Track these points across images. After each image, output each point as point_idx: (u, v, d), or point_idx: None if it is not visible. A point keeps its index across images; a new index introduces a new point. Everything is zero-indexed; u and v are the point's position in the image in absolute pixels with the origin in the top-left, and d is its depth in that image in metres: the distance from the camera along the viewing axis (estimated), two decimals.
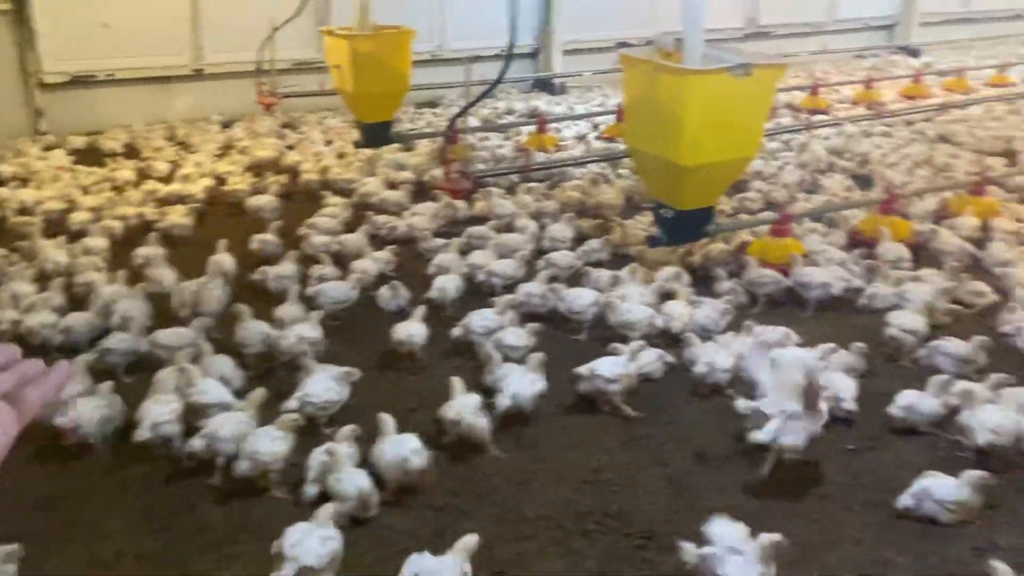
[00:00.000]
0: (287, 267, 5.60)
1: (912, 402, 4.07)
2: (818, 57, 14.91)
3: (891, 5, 16.18)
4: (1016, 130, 9.64)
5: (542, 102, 11.61)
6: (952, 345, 4.58)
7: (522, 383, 4.14)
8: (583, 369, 4.26)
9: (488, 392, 4.20)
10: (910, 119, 10.48)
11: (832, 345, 4.48)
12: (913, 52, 15.64)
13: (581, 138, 9.76)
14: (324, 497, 3.41)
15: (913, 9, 16.13)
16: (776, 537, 2.91)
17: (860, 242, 6.20)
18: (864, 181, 7.89)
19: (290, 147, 9.16)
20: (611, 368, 4.24)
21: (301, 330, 4.64)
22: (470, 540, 2.98)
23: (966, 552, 3.26)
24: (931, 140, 9.42)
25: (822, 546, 3.30)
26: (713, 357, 4.42)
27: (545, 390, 4.19)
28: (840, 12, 15.50)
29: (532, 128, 9.60)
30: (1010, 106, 11.17)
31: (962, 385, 4.07)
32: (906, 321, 4.81)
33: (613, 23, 12.54)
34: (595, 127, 10.18)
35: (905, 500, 3.46)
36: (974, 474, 3.42)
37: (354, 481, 3.42)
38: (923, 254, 6.10)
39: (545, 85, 12.66)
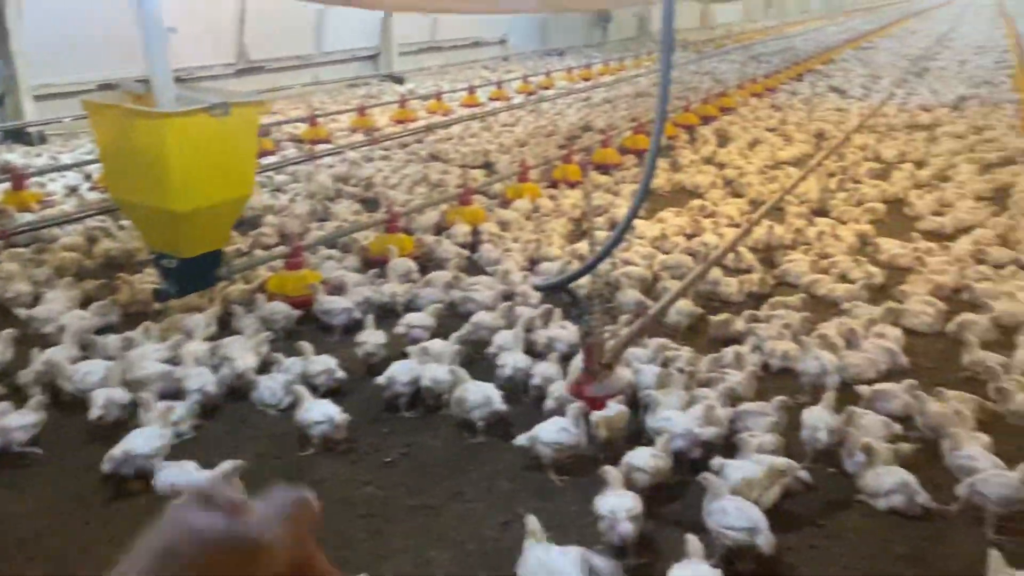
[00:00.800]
0: None
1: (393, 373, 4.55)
2: (315, 88, 15.49)
3: (372, 37, 17.50)
4: (489, 144, 11.10)
5: (17, 155, 10.21)
6: (487, 318, 5.31)
7: (112, 393, 4.32)
8: (116, 452, 3.84)
9: None
10: (403, 141, 11.43)
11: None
12: (398, 79, 17.13)
13: (73, 190, 8.80)
14: None
15: (391, 40, 17.66)
16: None
17: (372, 262, 6.56)
18: (371, 203, 8.38)
19: None
20: (148, 443, 3.88)
21: None
22: None
23: (496, 528, 3.62)
24: (424, 159, 10.37)
25: (375, 562, 3.39)
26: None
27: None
28: (326, 44, 16.30)
29: (7, 185, 8.37)
30: (482, 123, 12.84)
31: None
32: (415, 319, 5.30)
33: (91, 63, 11.53)
34: (87, 177, 9.25)
35: (521, 441, 3.90)
36: (575, 408, 3.94)
37: None
38: (429, 263, 6.67)
39: (19, 135, 11.16)
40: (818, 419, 4.00)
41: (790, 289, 6.19)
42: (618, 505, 3.32)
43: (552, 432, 3.92)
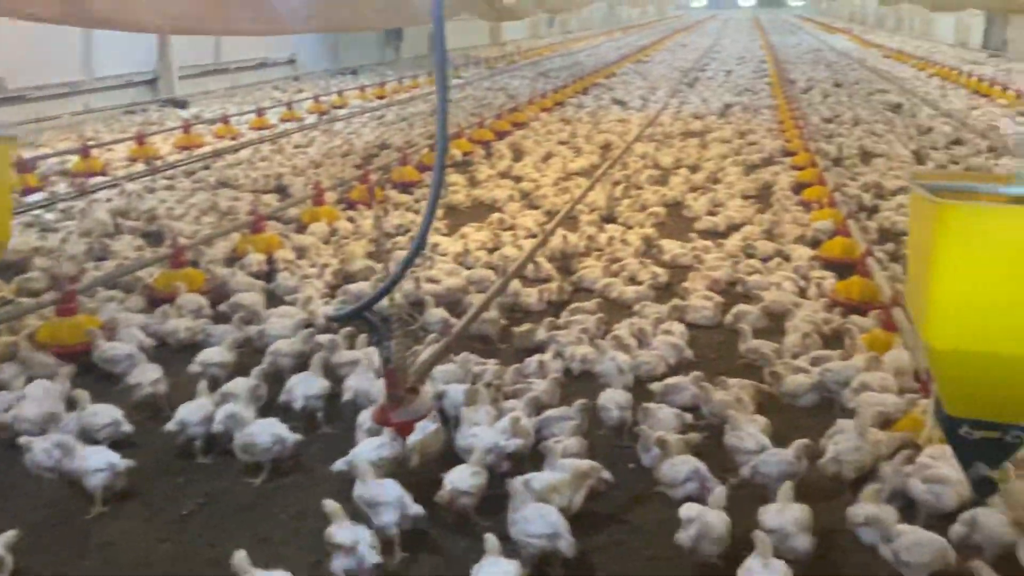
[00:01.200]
0: None
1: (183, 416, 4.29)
2: (86, 117, 14.39)
3: (148, 60, 16.50)
4: (282, 167, 10.77)
5: None
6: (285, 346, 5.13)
7: None
8: None
9: None
10: (189, 169, 10.85)
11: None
12: (180, 104, 16.26)
13: None
14: None
15: (171, 63, 16.75)
16: None
17: (159, 300, 6.14)
18: (154, 237, 7.87)
19: None
20: None
21: None
22: None
23: (306, 569, 3.48)
24: (212, 187, 9.88)
25: None
26: None
27: None
28: (98, 70, 15.19)
29: None
30: (274, 146, 12.44)
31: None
32: (213, 356, 5.02)
33: None
34: None
35: (339, 466, 3.83)
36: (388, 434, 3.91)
37: None
38: (223, 296, 6.32)
39: None
40: (609, 399, 4.42)
41: (586, 294, 6.46)
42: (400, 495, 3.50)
43: (372, 451, 3.83)
